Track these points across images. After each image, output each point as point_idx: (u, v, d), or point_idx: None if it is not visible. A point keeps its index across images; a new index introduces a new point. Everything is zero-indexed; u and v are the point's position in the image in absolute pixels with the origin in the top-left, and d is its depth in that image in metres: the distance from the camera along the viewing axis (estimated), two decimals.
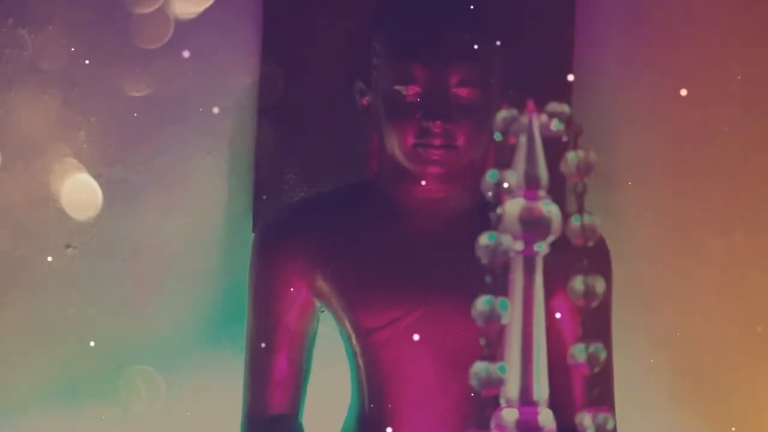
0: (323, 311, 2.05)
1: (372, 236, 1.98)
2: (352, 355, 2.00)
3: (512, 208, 0.98)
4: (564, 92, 2.34)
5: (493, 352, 0.95)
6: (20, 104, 2.33)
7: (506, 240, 0.96)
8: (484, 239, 0.97)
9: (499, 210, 0.99)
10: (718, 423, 2.37)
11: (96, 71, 2.33)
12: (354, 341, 1.98)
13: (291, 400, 2.02)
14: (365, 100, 2.02)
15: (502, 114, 1.00)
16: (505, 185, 0.94)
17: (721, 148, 2.40)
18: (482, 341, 0.96)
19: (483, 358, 0.95)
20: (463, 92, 1.91)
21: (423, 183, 1.95)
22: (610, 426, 0.96)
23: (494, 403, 0.99)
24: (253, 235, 2.16)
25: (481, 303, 0.96)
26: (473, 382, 0.95)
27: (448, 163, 1.91)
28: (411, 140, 1.91)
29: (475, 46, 1.92)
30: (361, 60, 2.09)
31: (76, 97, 2.33)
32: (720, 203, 2.40)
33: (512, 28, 2.17)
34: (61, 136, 2.33)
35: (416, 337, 1.93)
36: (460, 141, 1.91)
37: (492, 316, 0.95)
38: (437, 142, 1.89)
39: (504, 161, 0.99)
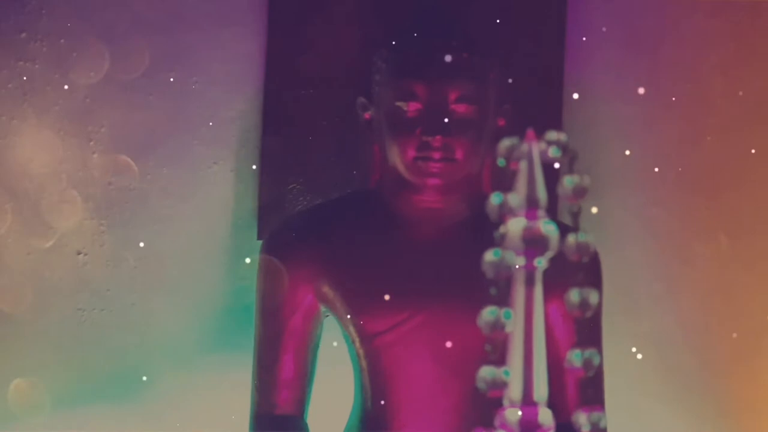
0: (327, 315, 2.13)
1: (374, 244, 2.06)
2: (356, 358, 2.07)
3: (515, 226, 1.07)
4: (554, 106, 2.42)
5: (498, 357, 1.05)
6: (33, 115, 2.39)
7: (509, 256, 1.06)
8: (489, 255, 1.07)
9: (502, 229, 1.08)
10: (701, 421, 2.43)
11: (106, 83, 2.39)
12: (358, 345, 2.06)
13: (297, 401, 2.10)
14: (367, 114, 2.10)
15: (505, 142, 1.10)
16: (510, 205, 1.03)
17: (705, 157, 2.47)
18: (488, 347, 1.06)
19: (488, 362, 1.05)
20: (461, 108, 1.99)
21: (421, 195, 2.04)
22: (603, 424, 1.06)
23: (498, 404, 1.08)
24: (260, 242, 2.23)
25: (487, 313, 1.06)
26: (480, 384, 1.05)
27: (447, 176, 2.00)
28: (412, 153, 2.00)
29: (473, 65, 2.01)
30: (363, 75, 2.16)
31: (87, 109, 2.39)
32: (703, 210, 2.47)
33: (505, 45, 2.25)
34: (73, 146, 2.39)
35: (417, 339, 2.01)
36: (459, 154, 1.99)
37: (497, 325, 1.05)
38: (437, 155, 1.98)
39: (507, 185, 1.09)
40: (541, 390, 1.07)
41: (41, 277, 2.37)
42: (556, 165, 1.10)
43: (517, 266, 1.07)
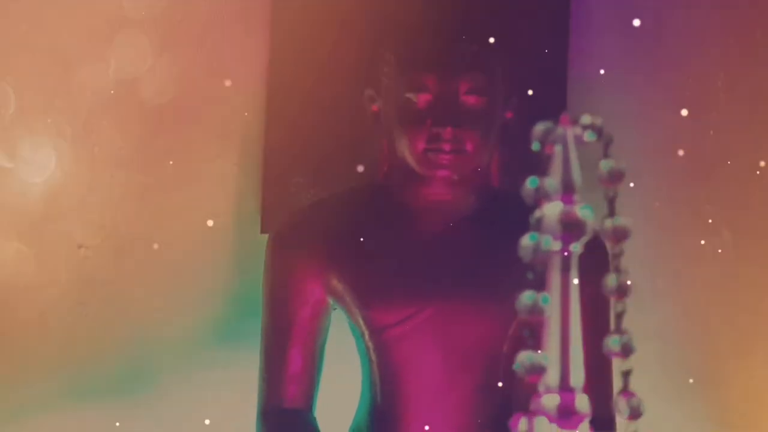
0: (335, 308, 2.12)
1: (384, 236, 2.05)
2: (365, 351, 2.06)
3: (552, 210, 1.07)
4: (559, 99, 2.43)
5: (535, 342, 1.04)
6: (31, 106, 2.37)
7: (546, 240, 1.06)
8: (525, 240, 1.06)
9: (537, 213, 1.08)
10: (704, 415, 2.44)
11: (107, 76, 2.38)
12: (367, 338, 2.05)
13: (305, 394, 2.08)
14: (375, 107, 2.09)
15: (540, 126, 1.09)
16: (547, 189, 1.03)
17: (707, 152, 2.48)
18: (525, 332, 1.05)
19: (526, 347, 1.04)
20: (471, 100, 1.99)
21: (430, 187, 2.03)
22: (642, 409, 1.05)
23: (534, 391, 1.08)
24: (263, 236, 2.22)
25: (525, 297, 1.05)
26: (518, 369, 1.04)
27: (457, 167, 1.99)
28: (422, 145, 1.99)
29: (483, 57, 2.00)
30: (368, 68, 2.15)
31: (88, 102, 2.38)
32: (706, 205, 2.48)
33: (510, 37, 2.24)
34: (74, 139, 2.38)
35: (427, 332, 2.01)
36: (469, 146, 1.99)
37: (535, 310, 1.04)
38: (447, 147, 1.97)
39: (542, 169, 1.08)
40: (577, 376, 1.06)
41: (41, 272, 2.36)
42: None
43: (552, 250, 1.06)
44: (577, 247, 1.08)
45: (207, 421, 2.33)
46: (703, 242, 2.46)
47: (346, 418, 2.13)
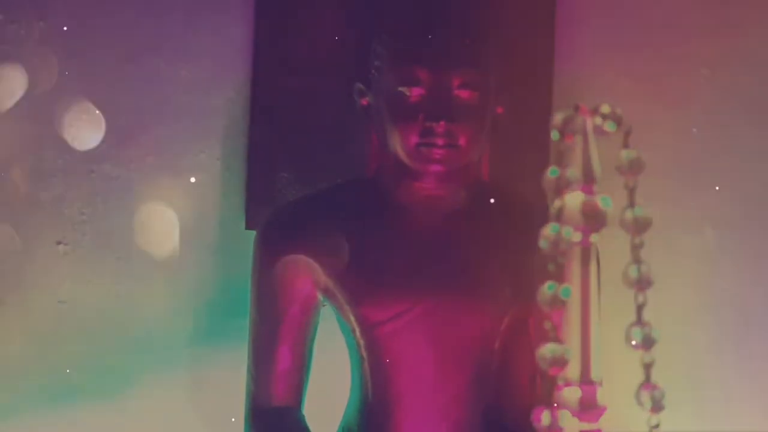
0: (325, 305, 2.09)
1: (374, 232, 2.03)
2: (355, 348, 2.04)
3: (573, 201, 1.05)
4: (545, 98, 2.41)
5: (556, 335, 1.03)
6: (11, 100, 2.34)
7: (567, 231, 1.04)
8: (546, 230, 1.04)
9: (557, 203, 1.06)
10: (684, 412, 2.44)
11: (88, 69, 2.36)
12: (358, 334, 2.03)
13: (294, 392, 2.06)
14: (365, 101, 2.07)
15: (559, 115, 1.07)
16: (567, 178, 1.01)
17: (691, 149, 2.48)
18: (547, 324, 1.03)
19: (548, 340, 1.03)
20: (464, 94, 1.97)
21: (421, 182, 2.01)
22: (665, 402, 1.03)
23: (554, 383, 1.06)
24: (247, 233, 2.19)
25: (546, 288, 1.03)
26: (540, 362, 1.02)
27: (450, 162, 1.97)
28: (414, 140, 1.97)
29: (475, 51, 1.99)
30: (359, 61, 2.13)
31: (68, 94, 2.35)
32: (689, 202, 2.49)
33: (496, 34, 2.23)
34: (52, 133, 2.35)
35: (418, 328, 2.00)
36: (462, 140, 1.97)
37: (555, 301, 1.02)
38: (440, 141, 1.95)
39: (561, 159, 1.06)
40: (598, 369, 1.05)
41: (20, 268, 2.33)
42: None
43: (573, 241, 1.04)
44: (596, 238, 1.07)
45: (188, 422, 2.30)
46: (686, 238, 2.47)
47: (336, 415, 2.11)
